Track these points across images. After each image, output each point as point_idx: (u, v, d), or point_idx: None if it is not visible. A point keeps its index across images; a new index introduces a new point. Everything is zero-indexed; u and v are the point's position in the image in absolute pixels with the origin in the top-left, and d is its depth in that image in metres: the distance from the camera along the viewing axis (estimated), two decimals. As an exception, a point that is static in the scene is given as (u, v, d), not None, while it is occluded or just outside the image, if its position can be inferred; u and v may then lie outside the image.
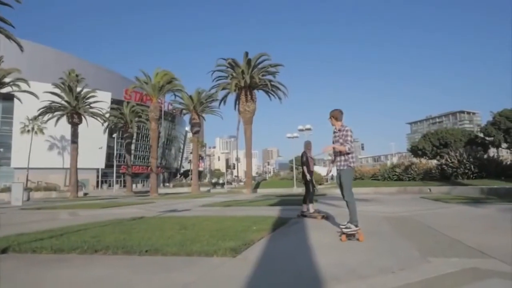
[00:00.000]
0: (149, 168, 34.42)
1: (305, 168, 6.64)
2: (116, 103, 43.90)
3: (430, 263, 2.68)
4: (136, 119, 38.34)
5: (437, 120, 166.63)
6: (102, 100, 33.99)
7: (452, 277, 2.30)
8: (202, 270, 2.75)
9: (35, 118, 37.84)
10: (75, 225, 5.90)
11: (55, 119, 30.20)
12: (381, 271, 2.51)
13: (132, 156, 49.30)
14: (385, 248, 3.44)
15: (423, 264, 2.68)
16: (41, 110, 29.68)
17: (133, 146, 49.65)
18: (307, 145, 6.88)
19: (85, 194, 34.40)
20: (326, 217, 6.13)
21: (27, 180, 38.53)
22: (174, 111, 59.38)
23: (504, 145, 55.20)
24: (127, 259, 3.30)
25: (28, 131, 44.10)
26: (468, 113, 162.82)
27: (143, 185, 63.88)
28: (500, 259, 2.76)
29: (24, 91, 27.38)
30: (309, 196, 6.58)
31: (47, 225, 6.11)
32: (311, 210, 6.40)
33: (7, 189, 27.12)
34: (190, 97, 32.55)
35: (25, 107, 33.86)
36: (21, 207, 13.76)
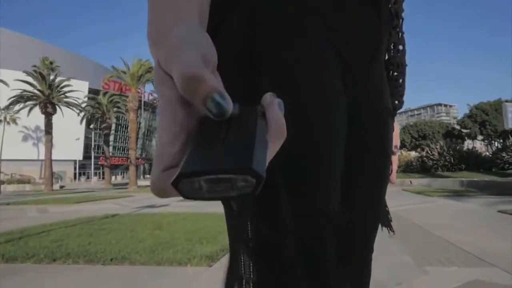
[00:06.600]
0: (129, 159, 33.58)
1: None
2: (94, 92, 42.47)
3: (429, 275, 2.42)
4: (115, 109, 37.19)
5: (416, 112, 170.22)
6: (79, 89, 32.81)
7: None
8: (173, 284, 2.41)
9: (7, 107, 36.16)
10: (39, 225, 5.42)
11: (27, 109, 28.89)
12: (376, 286, 2.23)
13: (111, 147, 47.99)
14: (375, 254, 3.17)
15: (421, 276, 2.42)
16: (11, 100, 28.30)
17: (111, 137, 48.40)
18: None
19: (62, 187, 33.26)
20: None
21: (-1, 172, 36.94)
22: (155, 101, 58.11)
23: (479, 137, 56.97)
24: (89, 270, 2.91)
25: (0, 121, 42.14)
26: (445, 105, 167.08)
27: (123, 176, 62.71)
28: (501, 267, 2.53)
29: (-7, 78, 26.02)
30: None
31: (8, 226, 5.59)
32: None
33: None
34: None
35: (-5, 96, 32.29)
36: (-11, 202, 12.97)
